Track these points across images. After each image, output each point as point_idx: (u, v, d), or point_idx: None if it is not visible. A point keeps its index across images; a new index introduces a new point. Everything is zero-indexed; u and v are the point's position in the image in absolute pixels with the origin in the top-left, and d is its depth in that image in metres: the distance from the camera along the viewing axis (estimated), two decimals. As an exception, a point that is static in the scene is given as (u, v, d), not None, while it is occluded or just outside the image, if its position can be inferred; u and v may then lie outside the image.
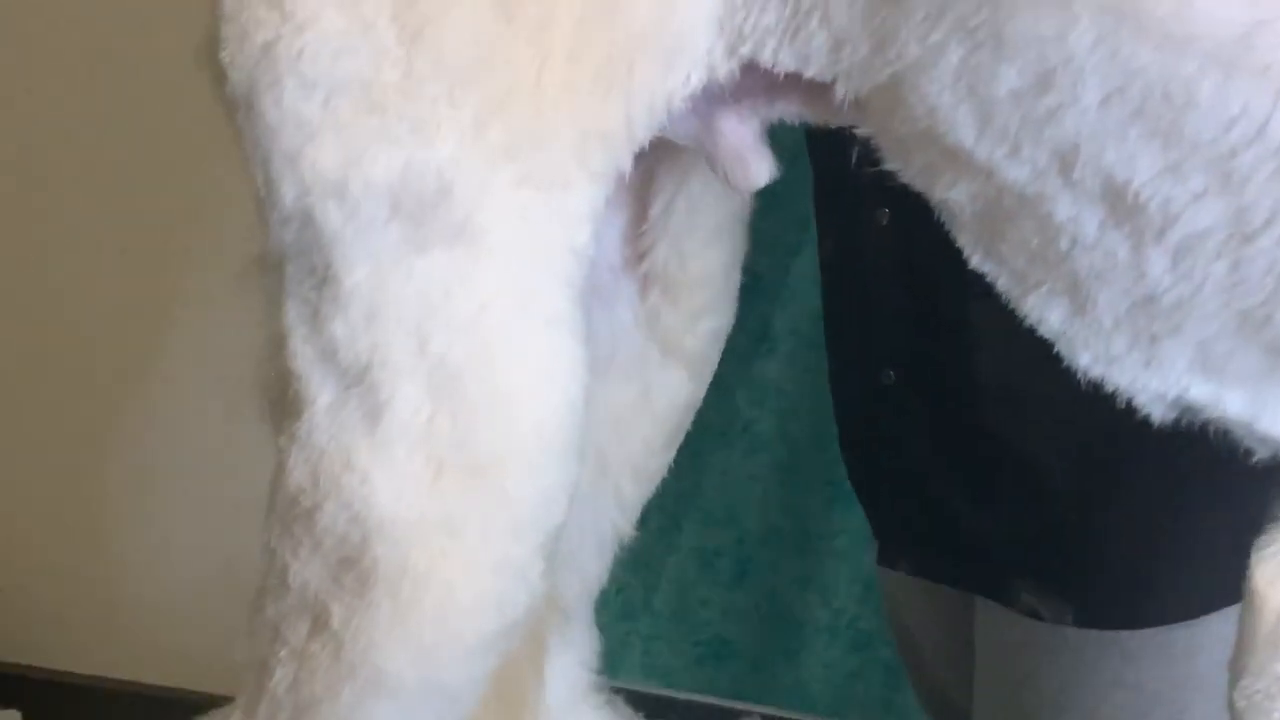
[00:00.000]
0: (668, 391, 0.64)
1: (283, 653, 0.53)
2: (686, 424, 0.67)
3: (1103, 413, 0.59)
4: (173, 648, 1.49)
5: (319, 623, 0.51)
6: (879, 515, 0.86)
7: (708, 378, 0.66)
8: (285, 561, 0.52)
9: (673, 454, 0.67)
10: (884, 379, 0.78)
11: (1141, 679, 0.82)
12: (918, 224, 0.61)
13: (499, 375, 0.49)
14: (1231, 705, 0.49)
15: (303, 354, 0.51)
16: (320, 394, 0.50)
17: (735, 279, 0.64)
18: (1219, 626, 0.77)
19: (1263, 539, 0.49)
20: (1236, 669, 0.49)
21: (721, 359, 0.67)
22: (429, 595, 0.49)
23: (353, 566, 0.50)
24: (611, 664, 0.74)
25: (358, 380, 0.50)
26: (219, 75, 0.51)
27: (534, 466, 0.50)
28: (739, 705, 0.86)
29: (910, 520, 0.84)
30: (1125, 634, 0.79)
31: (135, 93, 1.33)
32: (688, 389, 0.65)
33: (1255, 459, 0.51)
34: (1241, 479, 0.53)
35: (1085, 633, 0.80)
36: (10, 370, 1.47)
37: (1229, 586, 0.72)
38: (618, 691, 0.76)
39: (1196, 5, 0.43)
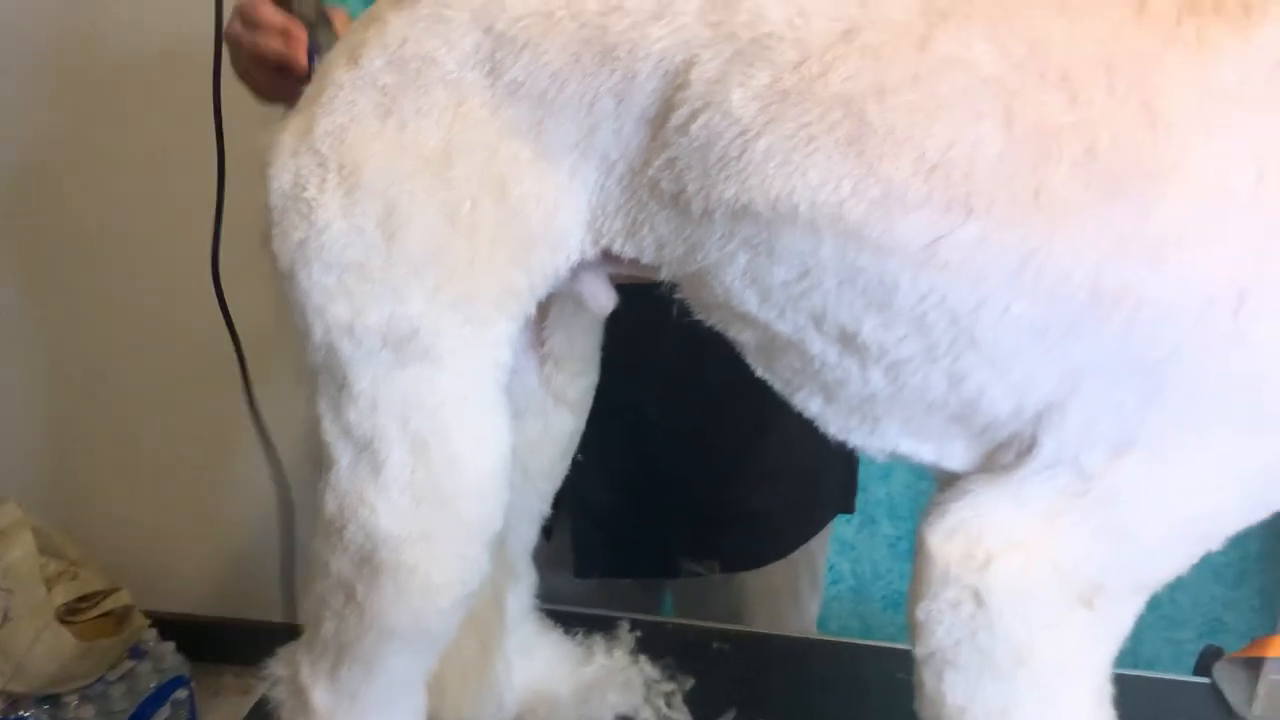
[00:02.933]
0: (560, 425, 0.92)
1: (327, 613, 0.79)
2: (575, 444, 0.94)
3: (721, 458, 0.97)
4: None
5: (349, 596, 0.77)
6: (577, 542, 1.18)
7: (585, 415, 0.93)
8: (326, 558, 0.77)
9: (569, 462, 0.95)
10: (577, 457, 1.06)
11: (775, 585, 1.23)
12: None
13: (453, 443, 0.73)
14: (913, 619, 0.69)
15: (331, 431, 0.75)
16: (343, 457, 0.75)
17: (598, 353, 0.91)
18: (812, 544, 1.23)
19: (929, 511, 0.69)
20: (915, 595, 0.68)
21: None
22: (416, 579, 0.74)
23: (368, 562, 0.75)
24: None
25: (365, 448, 0.74)
26: (271, 257, 0.75)
27: (477, 499, 0.75)
28: (616, 614, 1.14)
29: (601, 540, 1.17)
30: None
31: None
32: (572, 422, 0.93)
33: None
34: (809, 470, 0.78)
35: (732, 576, 1.22)
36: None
37: (811, 527, 1.21)
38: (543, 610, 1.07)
39: (897, 227, 0.61)
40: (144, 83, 1.78)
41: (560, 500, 1.13)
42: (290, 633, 0.88)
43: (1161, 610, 1.62)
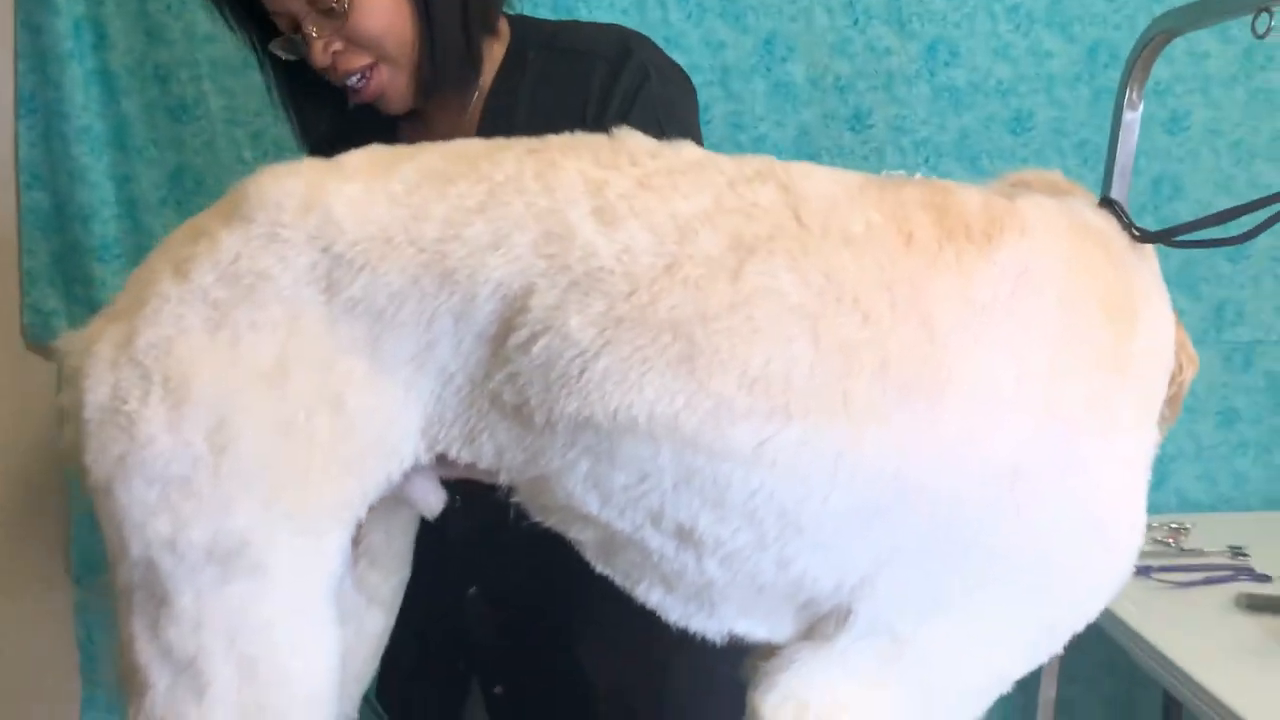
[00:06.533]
0: (373, 626, 0.90)
1: None
2: (385, 642, 0.92)
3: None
4: None
5: None
6: None
7: (395, 613, 0.91)
8: None
9: (377, 662, 0.93)
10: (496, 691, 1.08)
11: None
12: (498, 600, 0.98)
13: (282, 659, 0.72)
14: None
15: (146, 652, 0.72)
16: (160, 680, 0.71)
17: (412, 549, 0.91)
18: None
19: (759, 682, 0.74)
20: None
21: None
22: None
23: None
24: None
25: (186, 668, 0.71)
26: (84, 471, 0.72)
27: (307, 713, 0.73)
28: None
29: None
30: None
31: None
32: (383, 622, 0.91)
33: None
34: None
35: None
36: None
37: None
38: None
39: (727, 433, 0.68)
40: None
41: None
42: None
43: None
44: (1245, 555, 1.55)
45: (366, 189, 0.72)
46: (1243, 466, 1.78)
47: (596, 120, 1.01)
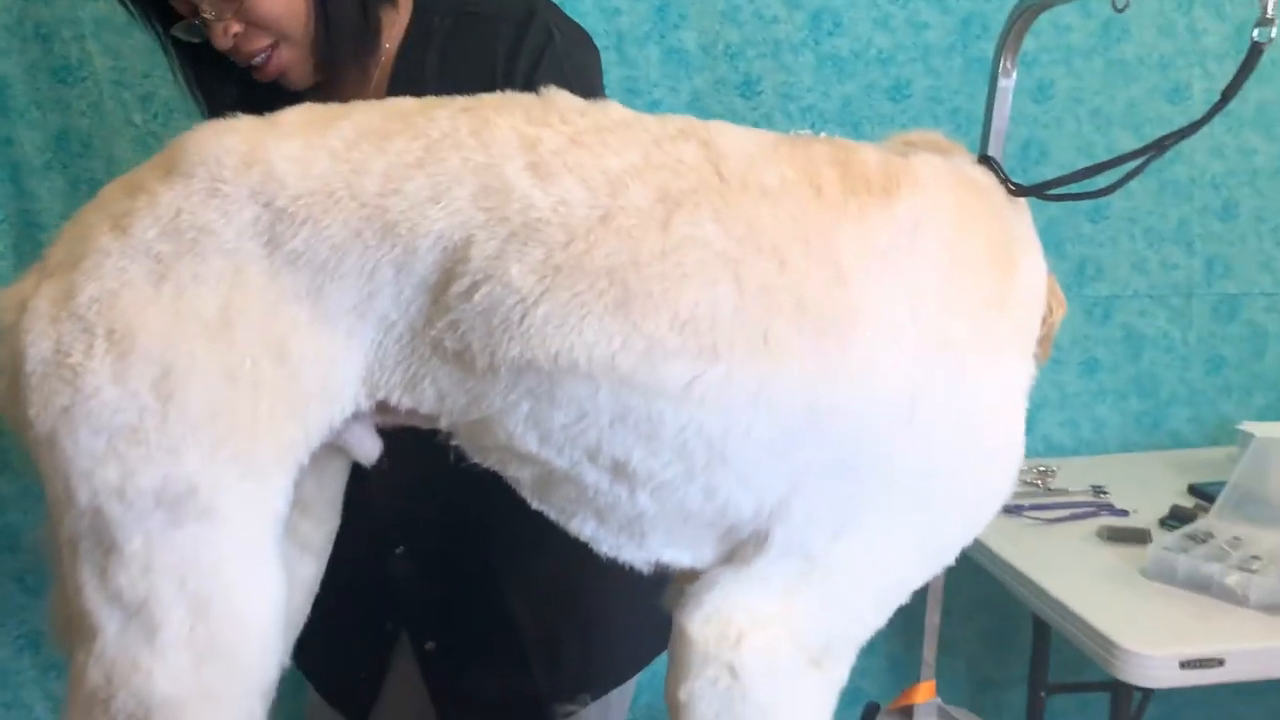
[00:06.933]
0: (304, 574, 0.91)
1: None
2: (316, 589, 0.93)
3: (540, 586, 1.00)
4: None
5: None
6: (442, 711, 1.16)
7: (326, 561, 0.93)
8: None
9: (309, 608, 0.93)
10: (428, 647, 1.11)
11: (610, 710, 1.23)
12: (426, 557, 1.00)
13: (234, 599, 0.74)
14: (674, 701, 0.78)
15: (94, 599, 0.73)
16: (109, 624, 0.73)
17: (342, 498, 0.93)
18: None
19: (684, 604, 0.78)
20: (677, 677, 0.78)
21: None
22: None
23: None
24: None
25: (137, 612, 0.72)
26: (24, 423, 0.73)
27: (260, 652, 0.76)
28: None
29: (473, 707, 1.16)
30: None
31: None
32: (315, 569, 0.92)
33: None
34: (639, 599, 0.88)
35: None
36: None
37: (642, 658, 1.16)
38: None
39: (660, 371, 0.72)
40: None
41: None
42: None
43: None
44: (1105, 493, 1.68)
45: (306, 145, 0.74)
46: (1102, 413, 1.92)
47: (504, 83, 1.04)
